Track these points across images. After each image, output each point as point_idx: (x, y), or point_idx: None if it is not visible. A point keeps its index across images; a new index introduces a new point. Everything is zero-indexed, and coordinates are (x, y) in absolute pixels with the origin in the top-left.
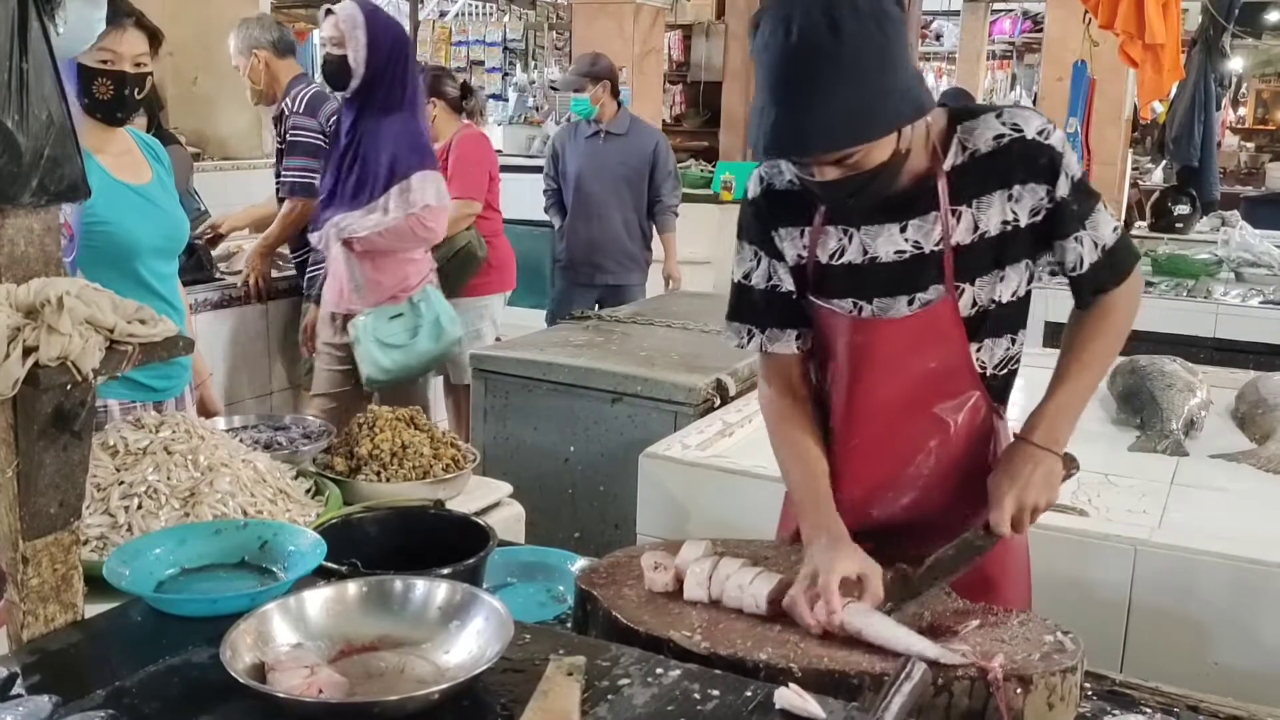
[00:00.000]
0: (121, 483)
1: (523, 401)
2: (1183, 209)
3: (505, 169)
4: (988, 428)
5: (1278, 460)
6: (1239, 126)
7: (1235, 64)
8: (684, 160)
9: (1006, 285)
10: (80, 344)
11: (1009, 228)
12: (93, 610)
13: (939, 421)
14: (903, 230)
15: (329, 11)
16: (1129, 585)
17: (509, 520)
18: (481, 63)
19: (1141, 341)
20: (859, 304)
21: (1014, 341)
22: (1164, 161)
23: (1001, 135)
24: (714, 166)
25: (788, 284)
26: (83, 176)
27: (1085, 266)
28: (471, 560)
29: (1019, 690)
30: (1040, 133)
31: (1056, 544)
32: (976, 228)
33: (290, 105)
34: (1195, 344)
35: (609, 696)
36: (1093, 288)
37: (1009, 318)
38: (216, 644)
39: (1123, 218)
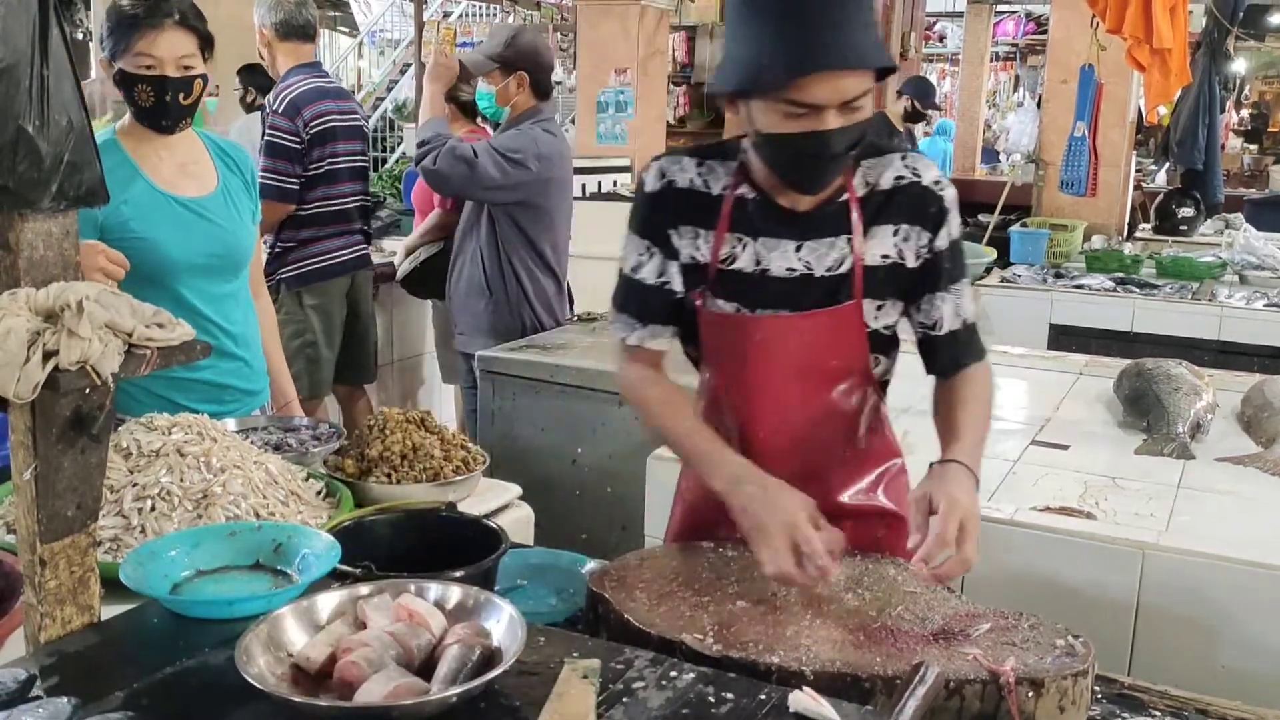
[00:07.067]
0: (135, 485)
1: (529, 403)
2: (1187, 211)
3: None
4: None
5: None
6: (1241, 129)
7: (1239, 66)
8: None
9: (885, 315)
10: (100, 348)
11: (888, 261)
12: (108, 612)
13: (838, 410)
14: (798, 249)
15: None
16: (1136, 588)
17: (519, 522)
18: None
19: (1146, 344)
20: (741, 310)
21: (887, 361)
22: (1167, 164)
23: (902, 176)
24: None
25: (677, 283)
26: (101, 182)
27: (944, 329)
28: (485, 563)
29: (1030, 694)
30: (935, 183)
31: (1064, 547)
32: (864, 258)
33: (271, 103)
34: (1199, 346)
35: (624, 699)
36: (951, 357)
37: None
38: (232, 646)
39: (1126, 220)
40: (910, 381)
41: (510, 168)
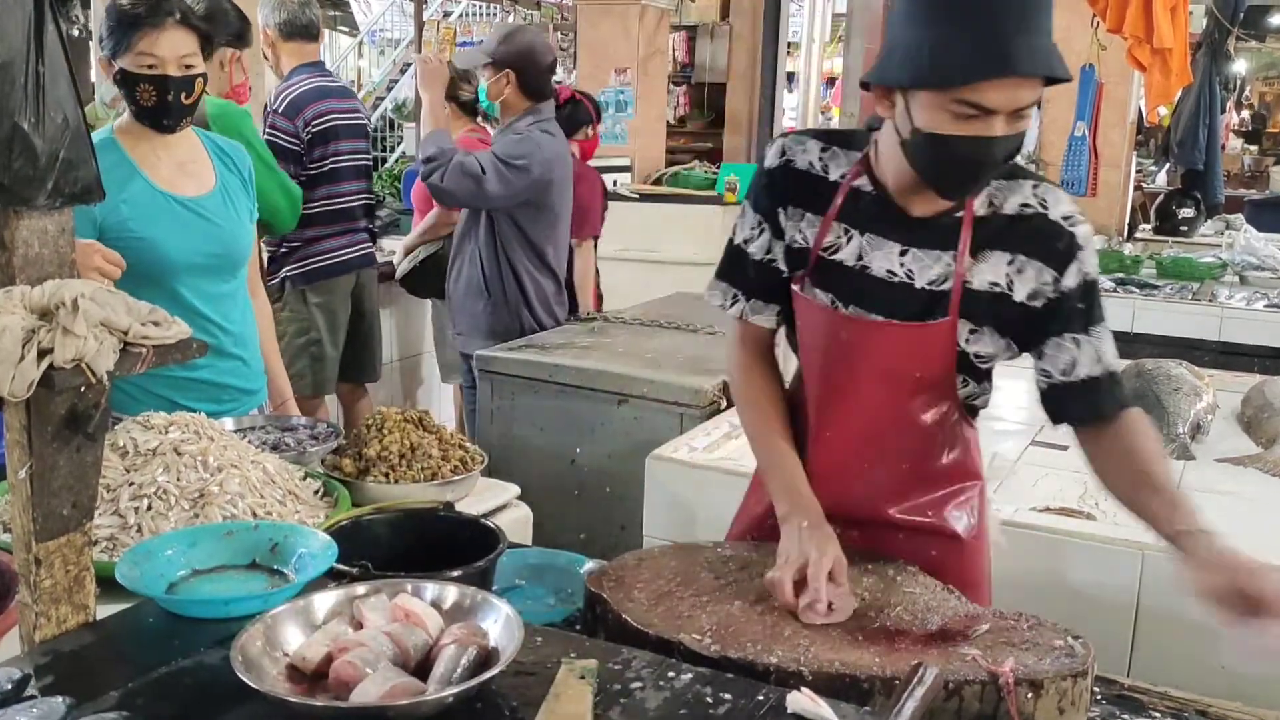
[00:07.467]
0: (131, 484)
1: (528, 403)
2: (1187, 212)
3: None
4: (960, 432)
5: None
6: (1241, 129)
7: (1239, 67)
8: (688, 161)
9: (978, 342)
10: (95, 346)
11: (995, 289)
12: (103, 612)
13: (913, 422)
14: (902, 254)
15: None
16: (1136, 589)
17: (517, 522)
18: None
19: (1146, 344)
20: (836, 304)
21: (977, 386)
22: (1168, 164)
23: (1028, 205)
24: (718, 168)
25: (782, 263)
26: (97, 179)
27: (1079, 375)
28: (482, 563)
29: (1030, 695)
30: (1065, 218)
31: (1064, 548)
32: (967, 280)
33: (271, 102)
34: (1200, 347)
35: (621, 700)
36: (1091, 406)
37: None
38: (228, 645)
39: (1127, 221)
40: (1008, 405)
41: (515, 176)
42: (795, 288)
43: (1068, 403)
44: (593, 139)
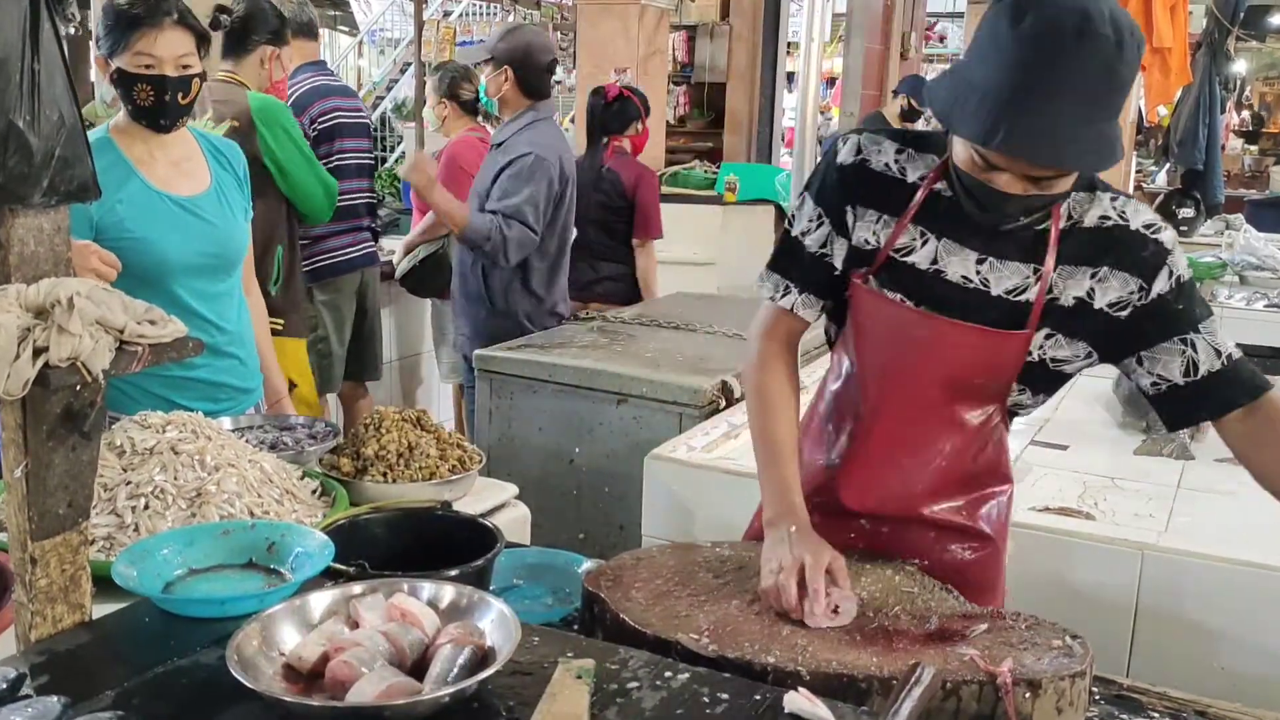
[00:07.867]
0: (128, 483)
1: (527, 402)
2: (1187, 212)
3: None
4: (998, 434)
5: None
6: (1241, 129)
7: (1239, 67)
8: (688, 161)
9: (1054, 348)
10: (91, 345)
11: (1076, 303)
12: (100, 611)
13: (960, 423)
14: (979, 261)
15: None
16: (1135, 589)
17: (515, 522)
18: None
19: None
20: (906, 303)
21: (1032, 397)
22: (1168, 164)
23: (1107, 217)
24: (718, 167)
25: (838, 258)
26: (93, 177)
27: (1200, 373)
28: (479, 562)
29: (1028, 695)
30: (1147, 226)
31: (1063, 547)
32: (1050, 291)
33: None
34: None
35: (618, 700)
36: (1225, 398)
37: (1049, 377)
38: (224, 645)
39: None
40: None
41: (545, 210)
42: (858, 281)
43: (1199, 402)
44: (643, 133)
